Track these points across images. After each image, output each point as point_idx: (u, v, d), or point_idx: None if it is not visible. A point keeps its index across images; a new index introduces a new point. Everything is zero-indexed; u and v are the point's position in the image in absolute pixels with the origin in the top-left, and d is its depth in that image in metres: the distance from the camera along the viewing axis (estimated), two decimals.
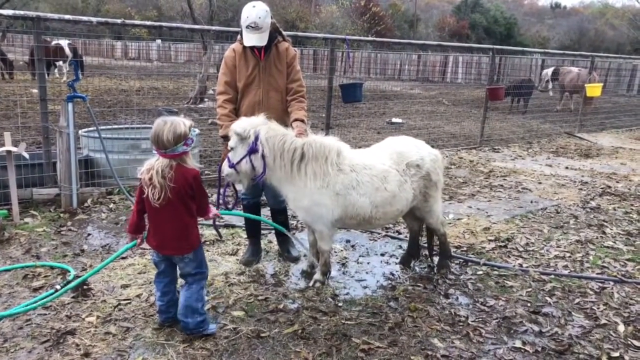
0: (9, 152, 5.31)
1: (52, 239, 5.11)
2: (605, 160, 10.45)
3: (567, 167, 9.44)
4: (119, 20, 6.48)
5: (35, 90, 13.95)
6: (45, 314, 3.74)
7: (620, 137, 13.82)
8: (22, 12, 6.09)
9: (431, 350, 3.51)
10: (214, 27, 8.46)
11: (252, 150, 3.94)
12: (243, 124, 3.96)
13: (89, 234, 5.31)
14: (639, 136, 14.20)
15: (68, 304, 3.89)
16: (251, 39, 4.31)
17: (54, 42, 19.73)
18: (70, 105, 5.68)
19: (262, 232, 5.10)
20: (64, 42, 19.99)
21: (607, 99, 21.01)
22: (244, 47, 4.46)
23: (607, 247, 5.52)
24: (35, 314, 3.73)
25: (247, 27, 4.30)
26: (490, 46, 12.11)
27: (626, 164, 10.13)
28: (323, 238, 4.19)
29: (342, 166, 4.01)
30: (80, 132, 6.79)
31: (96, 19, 6.22)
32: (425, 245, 4.97)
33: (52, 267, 4.49)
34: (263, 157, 3.93)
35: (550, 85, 23.46)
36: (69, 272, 4.34)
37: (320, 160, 3.94)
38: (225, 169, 4.07)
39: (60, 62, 19.90)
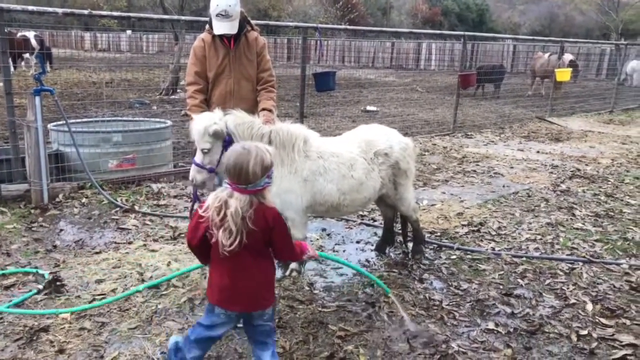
0: None
1: (22, 236, 5.02)
2: (575, 143, 10.66)
3: (538, 151, 9.61)
4: (85, 11, 6.35)
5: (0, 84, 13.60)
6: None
7: (589, 121, 14.10)
8: None
9: (408, 336, 3.56)
10: (184, 17, 8.35)
11: (229, 142, 3.80)
12: (208, 121, 3.76)
13: (61, 230, 5.23)
14: (607, 120, 14.51)
15: (41, 300, 3.84)
16: (222, 27, 4.28)
17: (19, 34, 19.26)
18: (37, 99, 5.56)
19: None
20: (31, 34, 19.52)
21: (576, 83, 21.38)
22: (213, 37, 4.43)
23: (577, 228, 5.65)
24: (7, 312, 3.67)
25: (217, 15, 4.26)
26: (462, 33, 12.20)
27: (595, 147, 10.36)
28: (295, 226, 4.19)
29: (308, 153, 4.00)
30: (49, 126, 6.67)
31: (62, 10, 6.08)
32: (400, 231, 5.03)
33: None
34: None
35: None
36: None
37: (288, 147, 3.92)
38: (201, 176, 3.81)
39: (27, 55, 19.44)
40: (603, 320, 3.84)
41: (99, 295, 3.95)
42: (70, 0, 46.22)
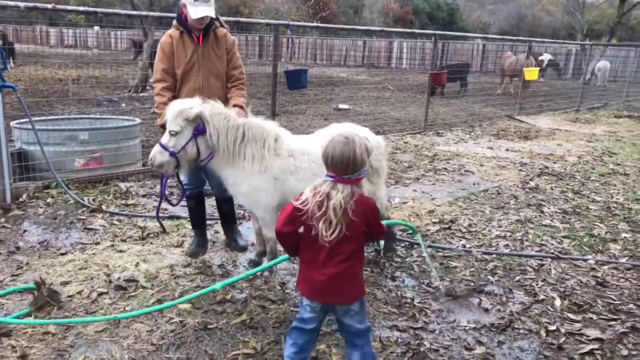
0: None
1: None
2: (543, 141, 10.85)
3: (507, 149, 9.75)
4: (49, 5, 6.16)
5: None
6: None
7: (557, 119, 14.38)
8: None
9: (380, 334, 3.55)
10: (153, 13, 8.19)
11: (200, 132, 3.80)
12: (185, 105, 3.79)
13: (25, 231, 5.07)
14: (574, 118, 14.82)
15: (1, 305, 3.71)
16: (201, 11, 4.16)
17: None
18: None
19: (208, 222, 5.01)
20: None
21: (544, 82, 21.82)
22: (181, 33, 4.34)
23: (545, 225, 5.74)
24: None
25: (195, 0, 4.16)
26: (433, 32, 12.28)
27: (562, 145, 10.56)
28: (266, 225, 4.15)
29: (279, 151, 3.96)
30: (12, 123, 6.46)
31: (24, 4, 5.87)
32: None
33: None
34: (210, 137, 3.81)
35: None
36: None
37: (259, 142, 3.89)
38: (162, 157, 3.81)
39: None
40: (571, 316, 3.90)
41: (64, 297, 3.83)
42: None
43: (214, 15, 4.30)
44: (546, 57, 23.58)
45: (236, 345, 3.36)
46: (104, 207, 5.72)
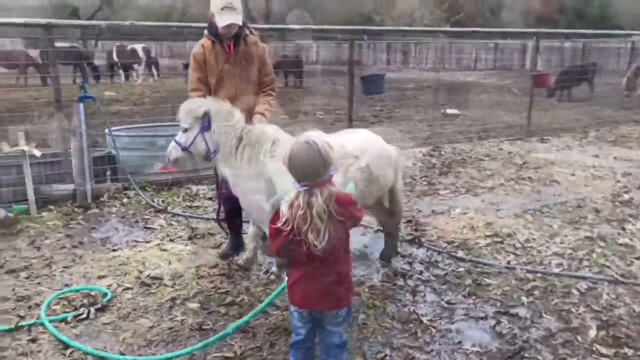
0: (23, 151, 5.73)
1: (58, 232, 5.44)
2: None
3: (615, 158, 8.62)
4: (126, 23, 6.81)
5: (108, 93, 15.02)
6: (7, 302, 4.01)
7: None
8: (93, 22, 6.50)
9: (369, 349, 3.40)
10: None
11: (205, 128, 4.03)
12: (194, 104, 4.08)
13: (93, 227, 5.59)
14: None
15: (36, 295, 4.15)
16: (228, 18, 4.34)
17: (129, 46, 20.98)
18: (81, 105, 6.04)
19: (245, 225, 5.14)
20: (139, 46, 21.12)
21: None
22: (213, 43, 4.52)
23: (620, 244, 5.02)
24: None
25: (222, 8, 4.33)
26: (536, 30, 11.34)
27: None
28: (266, 228, 4.19)
29: (275, 153, 3.98)
30: (106, 130, 7.18)
31: (105, 23, 6.56)
32: (407, 239, 4.79)
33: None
34: (214, 132, 4.02)
35: None
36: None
37: (257, 147, 4.00)
38: (176, 152, 4.14)
39: (136, 65, 21.05)
40: (602, 349, 3.39)
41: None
42: (188, 14, 49.37)
43: (240, 23, 4.43)
44: None
45: (220, 348, 3.43)
46: (169, 208, 6.13)
